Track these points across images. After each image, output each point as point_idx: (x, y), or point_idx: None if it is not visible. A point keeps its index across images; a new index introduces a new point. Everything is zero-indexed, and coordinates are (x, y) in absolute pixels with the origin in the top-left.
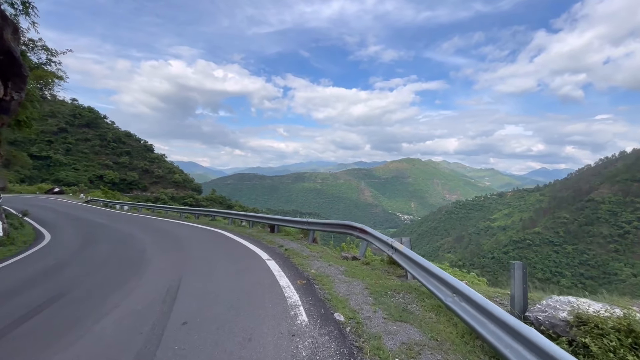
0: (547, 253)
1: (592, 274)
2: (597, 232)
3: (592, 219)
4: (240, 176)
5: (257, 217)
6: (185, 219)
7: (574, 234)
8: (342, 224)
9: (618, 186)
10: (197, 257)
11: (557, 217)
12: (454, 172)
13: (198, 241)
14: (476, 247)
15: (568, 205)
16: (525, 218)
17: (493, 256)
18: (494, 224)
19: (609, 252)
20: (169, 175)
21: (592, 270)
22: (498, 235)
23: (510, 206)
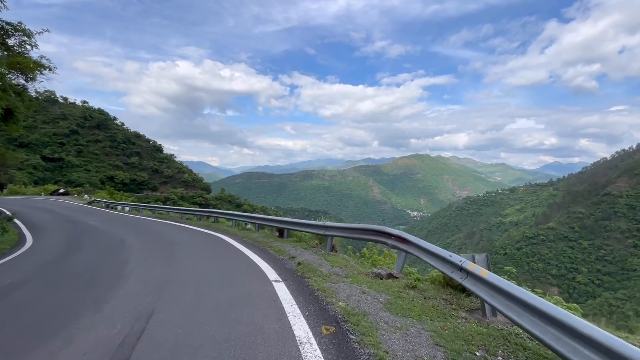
0: (562, 249)
1: (609, 270)
2: (615, 227)
3: (609, 213)
4: (249, 175)
5: (263, 220)
6: (186, 220)
7: (590, 229)
8: (371, 229)
9: (637, 179)
10: (186, 273)
11: (572, 212)
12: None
13: (193, 249)
14: (488, 243)
15: (583, 199)
16: (539, 213)
17: (505, 252)
18: (505, 220)
19: (627, 247)
20: (179, 175)
21: (610, 267)
22: (510, 231)
23: (523, 201)
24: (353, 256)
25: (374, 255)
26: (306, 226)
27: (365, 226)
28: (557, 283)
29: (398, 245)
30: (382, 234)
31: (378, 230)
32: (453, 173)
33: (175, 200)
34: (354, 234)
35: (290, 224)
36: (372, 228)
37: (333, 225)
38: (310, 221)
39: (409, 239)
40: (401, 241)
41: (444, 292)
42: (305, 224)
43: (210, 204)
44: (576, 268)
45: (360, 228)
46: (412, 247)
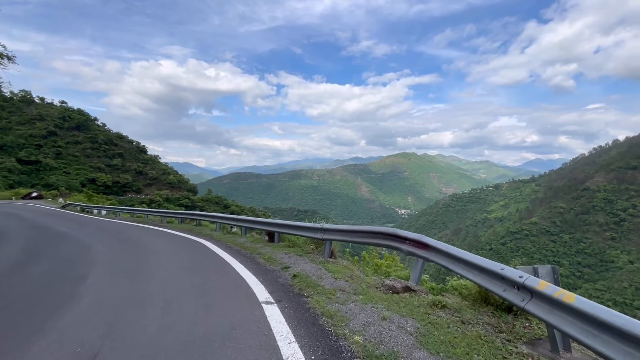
0: (545, 243)
1: (589, 262)
2: (594, 220)
3: (588, 207)
4: (237, 175)
5: (251, 222)
6: (167, 224)
7: (571, 223)
8: (381, 233)
9: (613, 174)
10: (155, 292)
11: (554, 207)
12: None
13: (169, 259)
14: (474, 239)
15: (564, 194)
16: (522, 209)
17: (491, 247)
18: (490, 216)
19: (605, 240)
20: (164, 177)
21: (589, 259)
22: (495, 227)
23: (507, 197)
24: (352, 260)
25: (374, 259)
26: (301, 229)
27: (373, 229)
28: None
29: (416, 251)
30: (394, 238)
31: (390, 233)
32: (439, 171)
33: (160, 202)
34: (359, 238)
35: (282, 227)
36: (382, 231)
37: (333, 228)
38: (306, 223)
39: (432, 244)
40: (420, 246)
41: (484, 313)
42: (300, 226)
43: (196, 206)
44: (558, 261)
45: (367, 231)
46: (436, 254)
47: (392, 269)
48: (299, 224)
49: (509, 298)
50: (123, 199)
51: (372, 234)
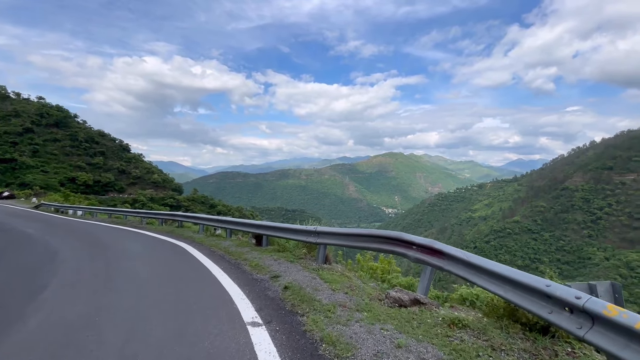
0: (526, 241)
1: (568, 260)
2: (572, 219)
3: (567, 206)
4: (223, 175)
5: (237, 224)
6: (146, 225)
7: (551, 221)
8: (384, 237)
9: (590, 174)
10: (120, 311)
11: (535, 206)
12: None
13: (143, 266)
14: (459, 237)
15: (544, 194)
16: (505, 208)
17: (475, 246)
18: (475, 215)
19: (583, 237)
20: (148, 176)
21: (568, 256)
22: (479, 226)
23: (490, 197)
24: (346, 264)
25: (369, 261)
26: (292, 232)
27: (374, 232)
28: None
29: (425, 259)
30: (399, 243)
31: (394, 237)
32: (425, 170)
33: (144, 202)
34: (358, 242)
35: (271, 230)
36: (385, 235)
37: (327, 231)
38: (297, 226)
39: (447, 251)
40: (431, 253)
41: (514, 335)
42: (291, 229)
43: (181, 206)
44: (539, 258)
45: (367, 235)
46: (453, 263)
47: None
48: (290, 227)
49: (559, 323)
50: (105, 199)
51: (373, 238)
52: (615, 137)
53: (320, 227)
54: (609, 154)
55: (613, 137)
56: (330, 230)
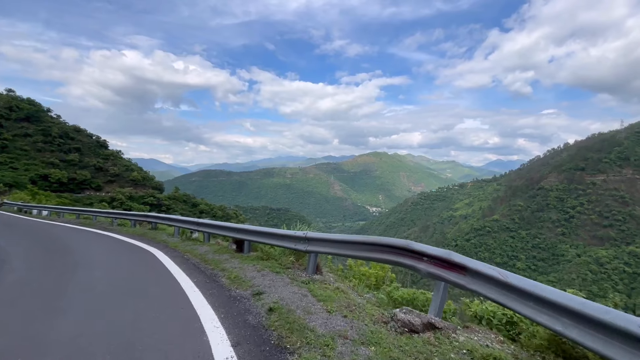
0: (505, 239)
1: (543, 257)
2: (547, 217)
3: (542, 205)
4: (206, 173)
5: (215, 227)
6: (117, 227)
7: (528, 220)
8: (386, 245)
9: (564, 175)
10: (53, 347)
11: (513, 205)
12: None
13: (102, 278)
14: (441, 236)
15: (522, 193)
16: (485, 207)
17: (456, 244)
18: (456, 214)
19: (557, 235)
20: (126, 173)
21: (543, 253)
22: (460, 224)
23: (471, 196)
24: (336, 270)
25: (361, 267)
26: (278, 238)
27: (375, 240)
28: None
29: (440, 273)
30: (407, 253)
31: (400, 246)
32: (408, 170)
33: (122, 200)
34: (356, 251)
35: (255, 235)
36: (389, 243)
37: (319, 238)
38: (284, 231)
39: (471, 267)
40: (448, 268)
41: None
42: (277, 234)
43: (162, 204)
44: (516, 255)
45: (367, 242)
46: (479, 281)
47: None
48: (276, 232)
49: None
50: (80, 197)
51: (374, 247)
52: (587, 140)
53: (311, 233)
54: (581, 155)
55: (585, 140)
56: (323, 236)
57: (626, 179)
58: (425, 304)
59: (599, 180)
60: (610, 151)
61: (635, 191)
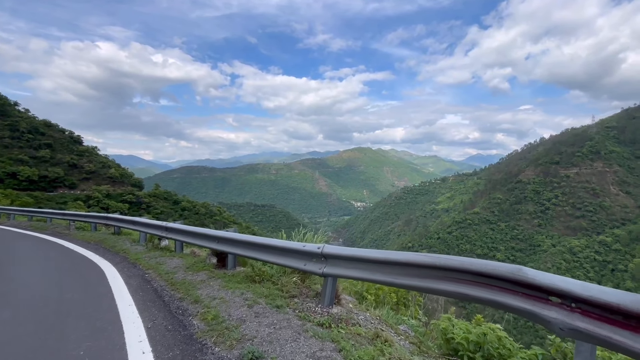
0: (485, 231)
1: (521, 247)
2: (525, 209)
3: (520, 198)
4: (188, 169)
5: (191, 235)
6: (76, 230)
7: (506, 212)
8: (475, 272)
9: (540, 168)
10: None
11: (493, 198)
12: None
13: (13, 317)
14: (423, 229)
15: (501, 186)
16: (466, 200)
17: (439, 236)
18: (438, 207)
19: (534, 226)
20: (103, 170)
21: (521, 244)
22: (443, 217)
23: (452, 190)
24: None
25: (389, 293)
26: (279, 253)
27: (453, 263)
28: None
29: (600, 332)
30: (516, 289)
31: (503, 276)
32: (392, 165)
33: (99, 198)
34: (407, 278)
35: (244, 247)
36: (481, 270)
37: (344, 255)
38: (289, 243)
39: None
40: (618, 323)
41: None
42: (277, 247)
43: (142, 202)
44: (496, 247)
45: (434, 266)
46: None
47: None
48: (276, 244)
49: None
50: (53, 196)
51: (446, 273)
52: (561, 134)
53: (331, 247)
54: (556, 149)
55: (559, 134)
56: (350, 253)
57: (597, 171)
58: (511, 354)
59: (572, 174)
60: (583, 145)
61: (605, 183)
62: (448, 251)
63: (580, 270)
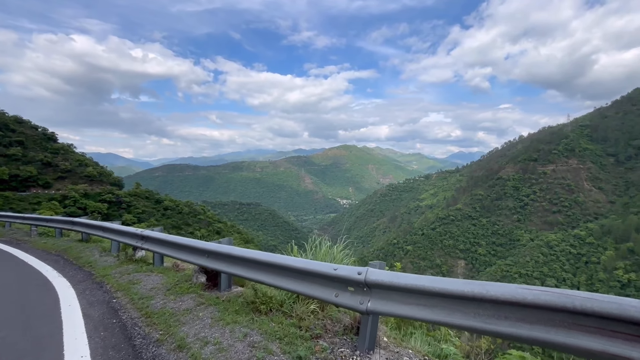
0: (467, 226)
1: (501, 242)
2: (505, 205)
3: (500, 194)
4: (171, 167)
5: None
6: (38, 237)
7: (487, 208)
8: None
9: (519, 165)
10: None
11: (474, 195)
12: (386, 158)
13: None
14: (408, 225)
15: (482, 183)
16: (449, 197)
17: (423, 233)
18: (422, 204)
19: (513, 222)
20: (80, 169)
21: (501, 239)
22: (426, 214)
23: (436, 187)
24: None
25: None
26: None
27: (609, 308)
28: (463, 257)
29: None
30: None
31: None
32: (377, 162)
33: (76, 198)
34: (522, 327)
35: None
36: (609, 312)
37: (404, 286)
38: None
39: None
40: None
41: None
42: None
43: (122, 201)
44: (478, 242)
45: (565, 309)
46: None
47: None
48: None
49: None
50: (25, 196)
51: (587, 319)
52: (539, 132)
53: (378, 273)
54: (534, 147)
55: (537, 132)
56: (413, 283)
57: (572, 168)
58: None
59: (549, 170)
60: (559, 143)
61: (579, 180)
62: (432, 247)
63: (557, 263)
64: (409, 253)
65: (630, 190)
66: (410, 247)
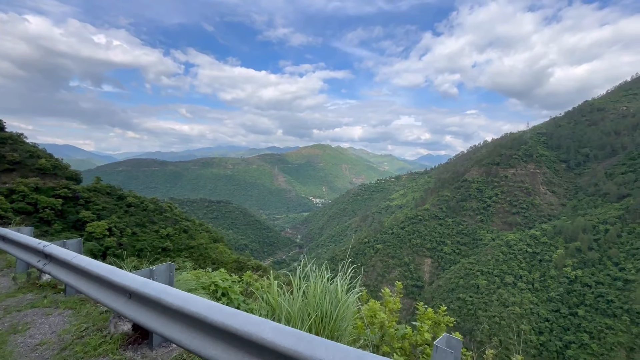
0: (434, 226)
1: (465, 241)
2: (469, 206)
3: (465, 195)
4: (136, 162)
5: (81, 274)
6: None
7: (453, 209)
8: None
9: (483, 169)
10: None
11: (441, 196)
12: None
13: None
14: (379, 224)
15: (449, 185)
16: (417, 197)
17: (392, 231)
18: (392, 204)
19: (477, 222)
20: (31, 161)
21: (466, 238)
22: (396, 213)
23: (405, 187)
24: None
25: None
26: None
27: None
28: (430, 255)
29: None
30: None
31: None
32: (350, 162)
33: (26, 193)
34: None
35: (186, 325)
36: None
37: None
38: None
39: None
40: None
41: None
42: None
43: (80, 197)
44: (443, 241)
45: None
46: None
47: None
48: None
49: None
50: None
51: None
52: (501, 138)
53: None
54: (496, 152)
55: (499, 138)
56: None
57: (529, 172)
58: None
59: (509, 174)
60: (519, 149)
61: (536, 183)
62: (401, 245)
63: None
64: (379, 251)
65: (579, 194)
66: (380, 246)
